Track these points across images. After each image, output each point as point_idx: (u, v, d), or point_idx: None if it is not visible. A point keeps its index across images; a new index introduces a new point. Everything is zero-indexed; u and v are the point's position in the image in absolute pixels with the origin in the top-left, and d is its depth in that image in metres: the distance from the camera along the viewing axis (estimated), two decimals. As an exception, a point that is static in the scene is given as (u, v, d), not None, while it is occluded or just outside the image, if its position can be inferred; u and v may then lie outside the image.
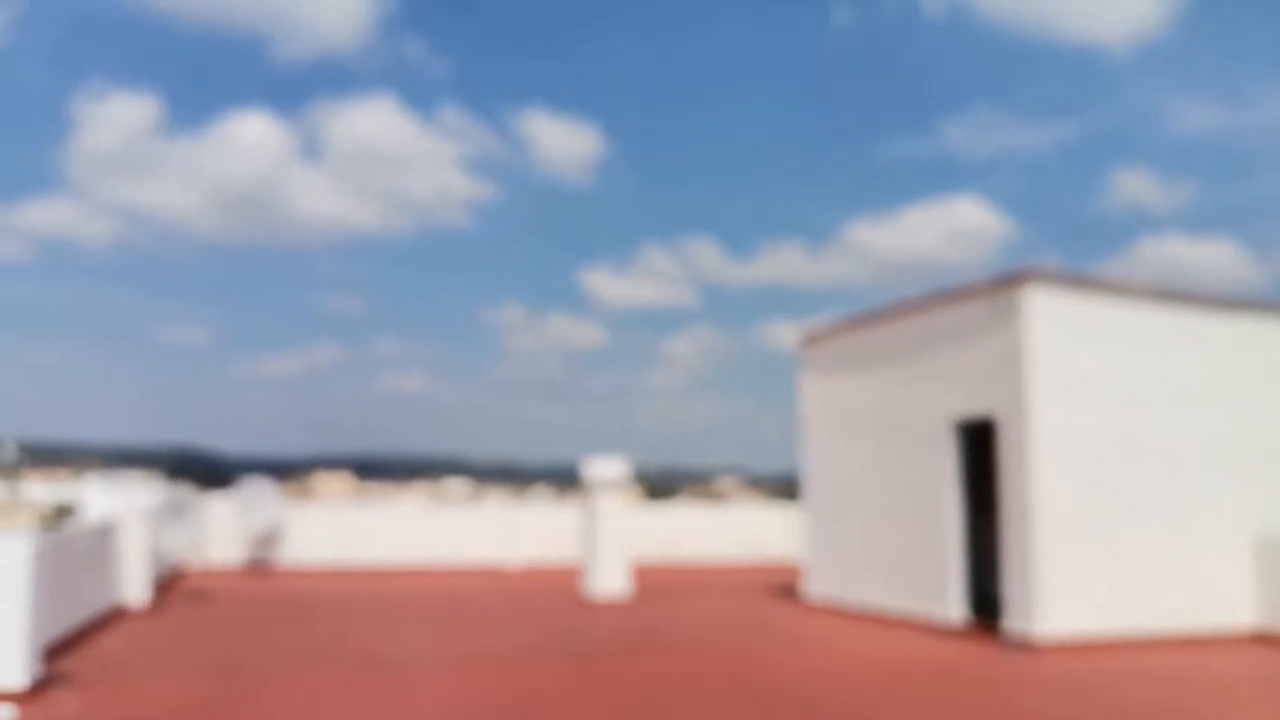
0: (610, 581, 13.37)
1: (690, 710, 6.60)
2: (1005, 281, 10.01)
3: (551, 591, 13.92)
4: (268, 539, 17.46)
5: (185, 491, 16.78)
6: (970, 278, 10.72)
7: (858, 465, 12.34)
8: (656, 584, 14.96)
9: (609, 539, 13.46)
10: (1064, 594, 9.50)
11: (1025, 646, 9.28)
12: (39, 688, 6.81)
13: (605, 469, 13.57)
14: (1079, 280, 10.08)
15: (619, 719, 6.34)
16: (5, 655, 6.60)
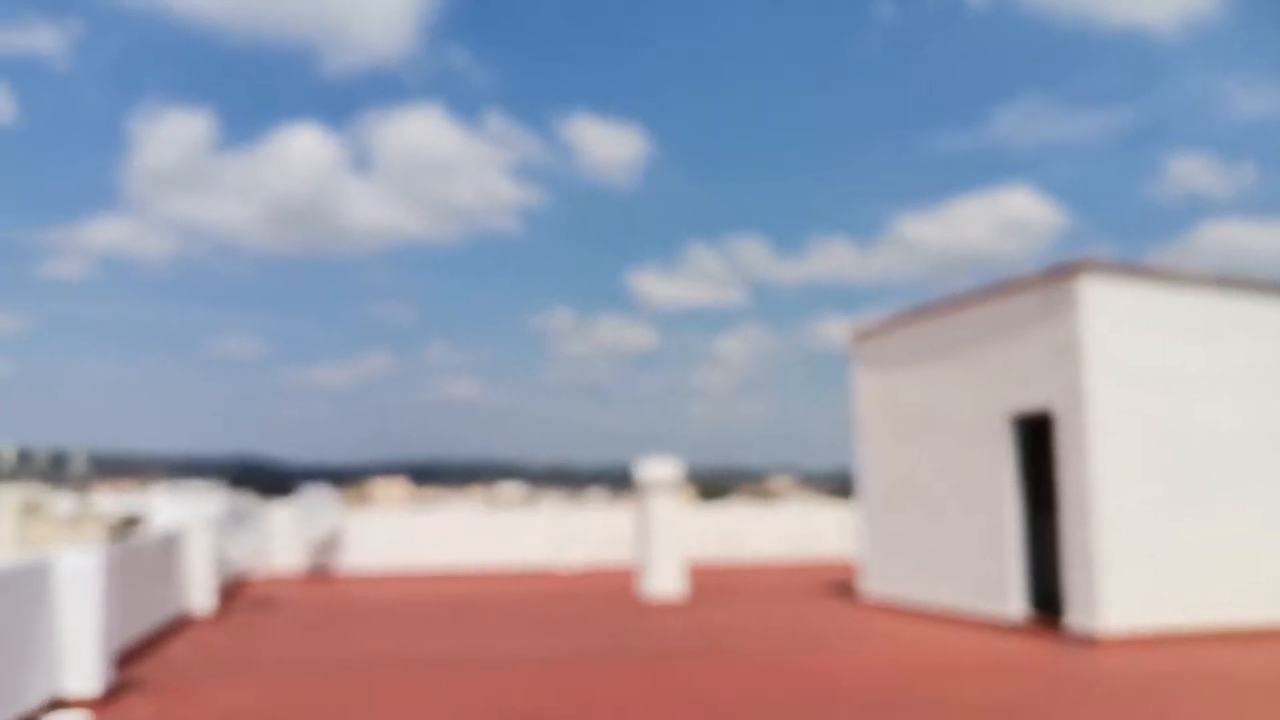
0: (665, 583, 13.35)
1: (749, 714, 6.55)
2: (1060, 272, 9.82)
3: (607, 594, 13.94)
4: (328, 545, 17.70)
5: (248, 500, 17.08)
6: (1022, 269, 10.54)
7: (913, 461, 12.18)
8: (712, 584, 14.90)
9: (663, 540, 13.44)
10: (1125, 589, 9.29)
11: (1087, 642, 9.09)
12: (111, 695, 6.96)
13: (658, 470, 13.55)
14: (1134, 269, 9.86)
15: (678, 717, 6.31)
16: (79, 663, 6.76)
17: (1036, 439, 10.59)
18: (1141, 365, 9.68)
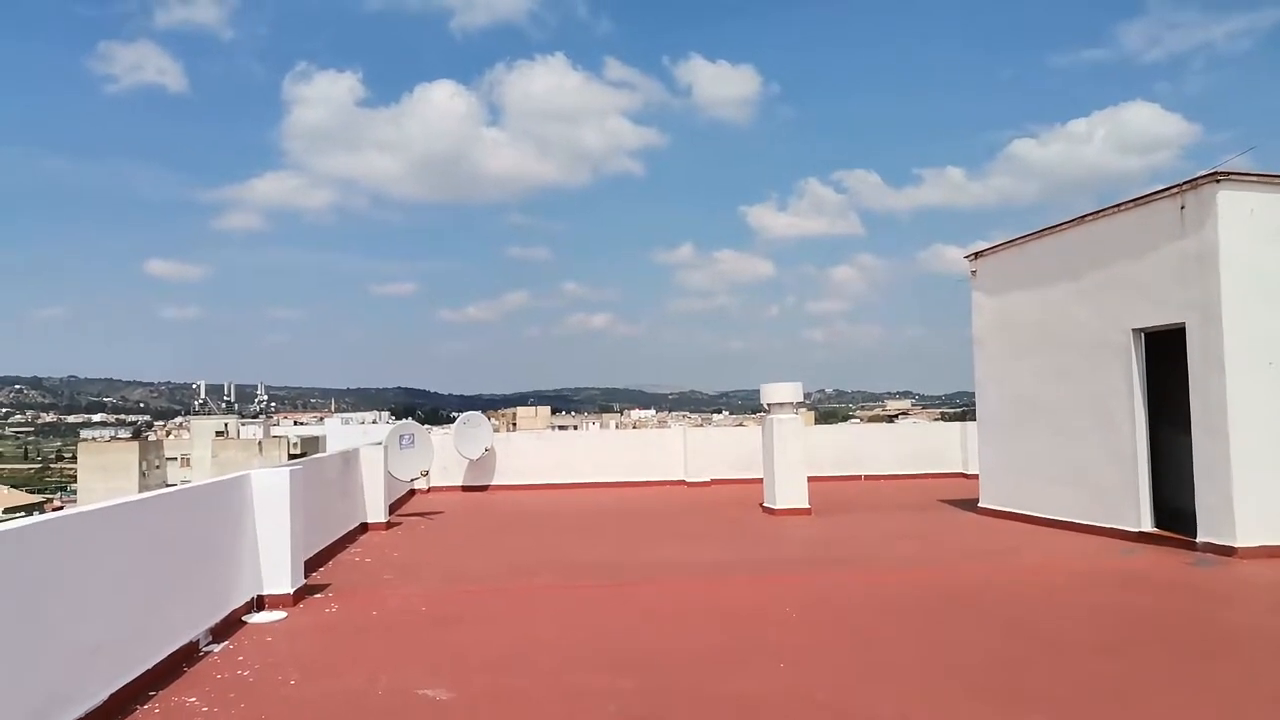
0: (790, 496, 13.31)
1: (874, 617, 6.50)
2: (1195, 184, 9.13)
3: (737, 506, 13.99)
4: (483, 465, 18.31)
5: (413, 426, 17.77)
6: (1143, 186, 9.84)
7: (1035, 379, 11.69)
8: (834, 500, 14.78)
9: (787, 456, 13.36)
10: (1260, 503, 8.74)
11: (1220, 556, 8.63)
12: (302, 594, 7.41)
13: (781, 392, 13.43)
14: (1272, 179, 9.08)
15: (813, 625, 6.32)
16: (274, 567, 7.20)
17: (1164, 354, 9.99)
18: (1278, 277, 8.96)
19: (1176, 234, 9.35)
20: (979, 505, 12.92)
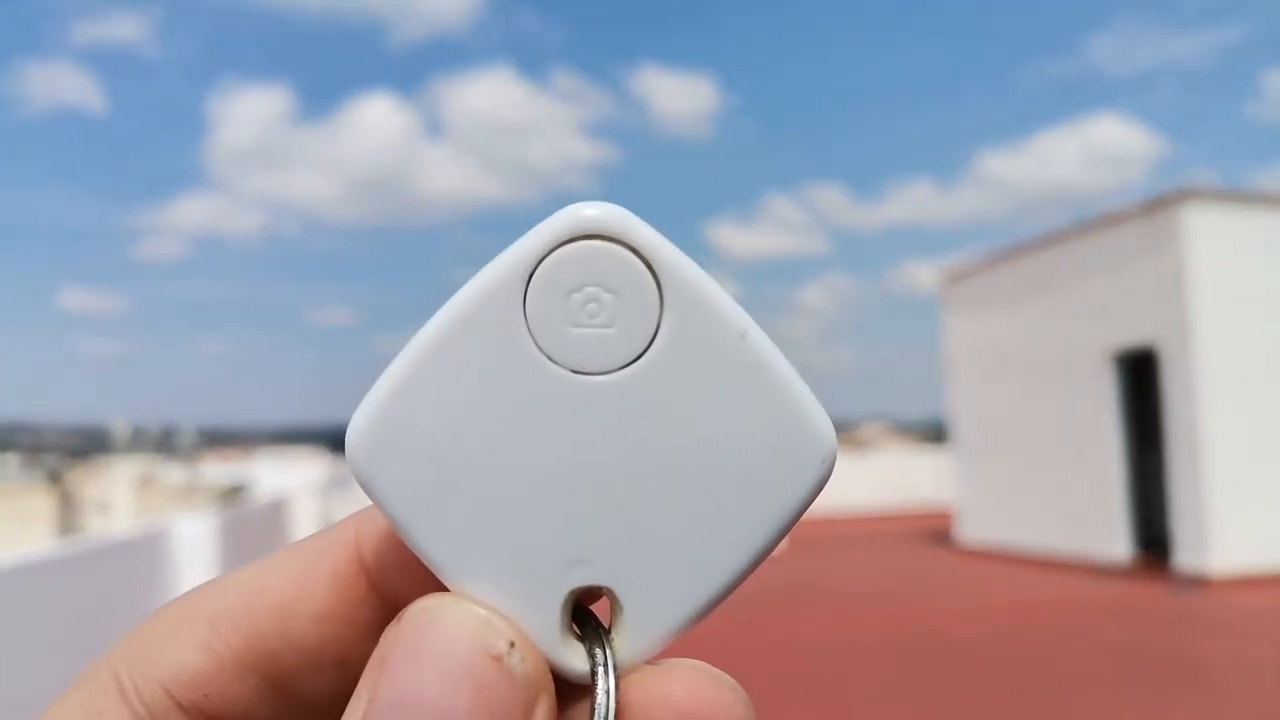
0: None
1: (850, 661, 6.55)
2: (1162, 202, 9.41)
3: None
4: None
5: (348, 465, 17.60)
6: (1114, 202, 10.13)
7: (1010, 403, 11.90)
8: (807, 534, 14.86)
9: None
10: (1237, 527, 8.96)
11: (1197, 582, 8.82)
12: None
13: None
14: (1239, 196, 9.40)
15: (778, 671, 6.34)
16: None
17: (1139, 377, 10.24)
18: (1249, 296, 9.24)
19: (1146, 253, 9.61)
20: (955, 536, 13.08)
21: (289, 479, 19.80)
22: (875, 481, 19.88)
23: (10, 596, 4.68)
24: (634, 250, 0.24)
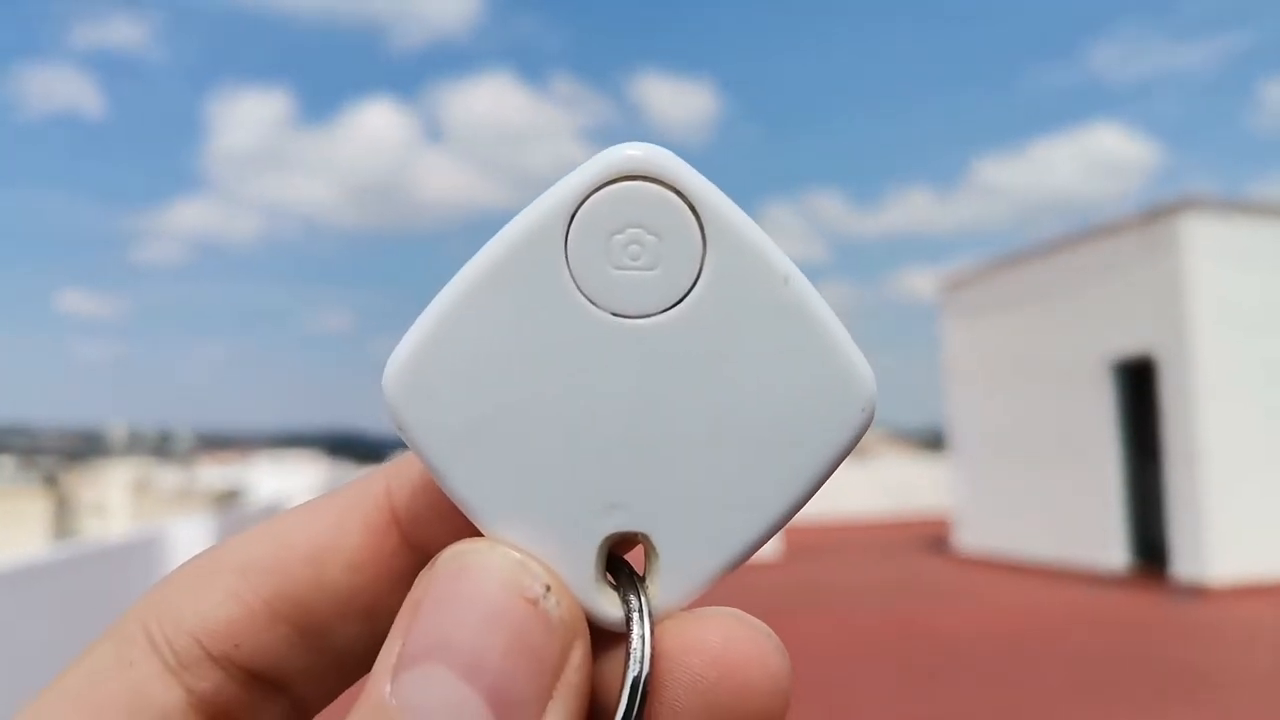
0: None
1: (849, 668, 6.54)
2: (1160, 211, 9.42)
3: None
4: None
5: (346, 469, 17.59)
6: (1112, 210, 10.16)
7: (1009, 412, 11.90)
8: (806, 542, 14.85)
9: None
10: (1235, 536, 8.96)
11: (1195, 592, 8.82)
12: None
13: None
14: (1238, 205, 9.41)
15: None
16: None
17: (1138, 385, 10.24)
18: (1247, 305, 9.26)
19: (1144, 262, 9.62)
20: (952, 544, 13.07)
21: (286, 483, 19.77)
22: (874, 489, 19.88)
23: (5, 600, 4.66)
24: (678, 192, 0.24)
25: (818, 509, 19.19)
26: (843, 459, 0.25)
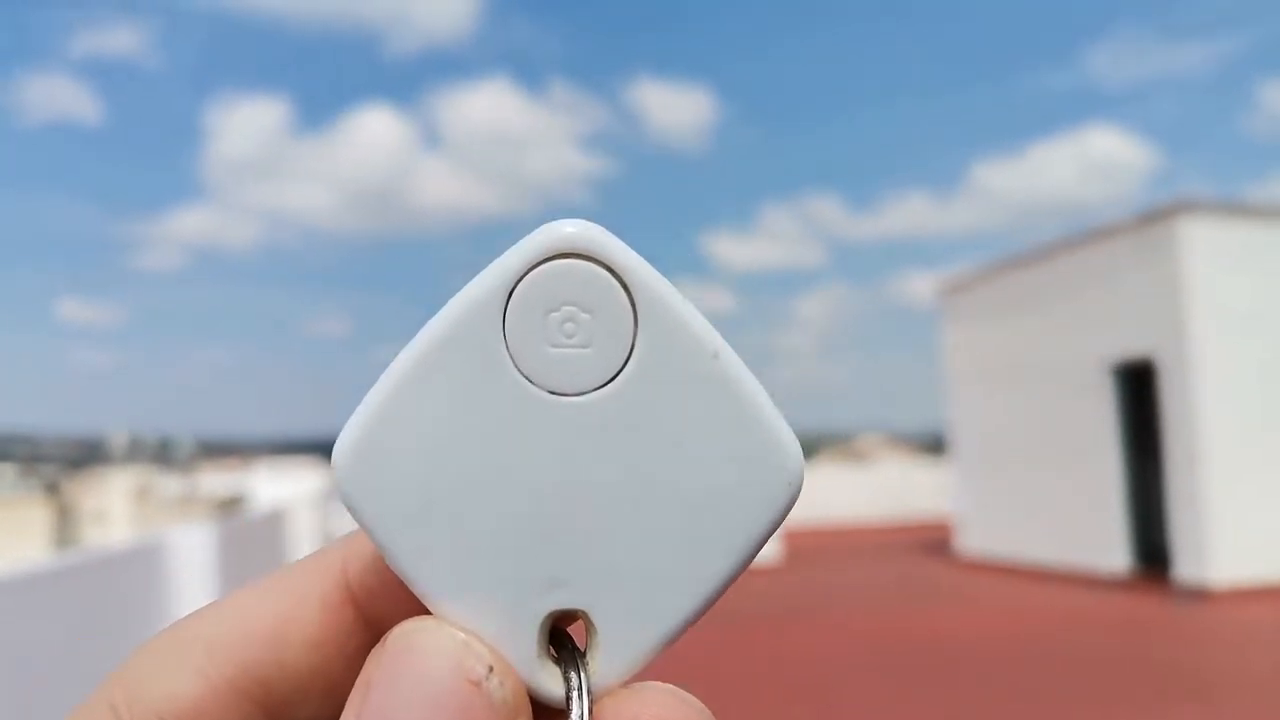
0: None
1: (849, 672, 6.53)
2: (1158, 214, 9.44)
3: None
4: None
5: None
6: (1110, 214, 10.17)
7: (1009, 415, 11.91)
8: (806, 546, 14.85)
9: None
10: (1236, 538, 8.96)
11: (1197, 594, 8.82)
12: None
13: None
14: (1235, 208, 9.43)
15: (777, 682, 6.33)
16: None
17: (1138, 387, 10.25)
18: (1247, 307, 9.27)
19: (1142, 265, 9.63)
20: (953, 548, 13.07)
21: (287, 490, 19.76)
22: (874, 493, 19.88)
23: (5, 609, 4.66)
24: (609, 269, 0.24)
25: (818, 513, 19.20)
26: (771, 534, 0.25)
